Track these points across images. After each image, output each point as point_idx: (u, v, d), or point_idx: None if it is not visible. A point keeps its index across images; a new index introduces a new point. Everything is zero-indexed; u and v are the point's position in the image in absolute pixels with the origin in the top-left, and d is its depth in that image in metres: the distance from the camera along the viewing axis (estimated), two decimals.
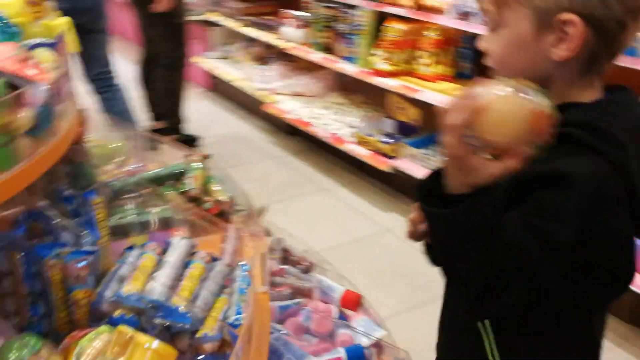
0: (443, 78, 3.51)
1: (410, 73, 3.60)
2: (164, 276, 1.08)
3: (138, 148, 1.70)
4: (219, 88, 5.39)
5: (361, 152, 3.66)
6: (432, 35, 3.48)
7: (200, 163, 1.54)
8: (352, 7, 3.73)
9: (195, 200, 1.44)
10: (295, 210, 3.55)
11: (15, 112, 0.89)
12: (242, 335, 1.05)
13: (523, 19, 0.92)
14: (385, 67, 3.53)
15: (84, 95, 3.55)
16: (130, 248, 1.22)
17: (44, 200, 1.13)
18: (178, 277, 1.11)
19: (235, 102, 5.18)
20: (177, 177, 1.54)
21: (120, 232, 1.37)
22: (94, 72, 3.54)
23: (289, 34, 4.25)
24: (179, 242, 1.19)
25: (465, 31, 3.17)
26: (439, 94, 3.29)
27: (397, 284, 2.91)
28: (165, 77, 4.04)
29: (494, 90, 0.85)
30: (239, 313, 1.10)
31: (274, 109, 4.33)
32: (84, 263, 1.02)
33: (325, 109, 4.18)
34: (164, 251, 1.18)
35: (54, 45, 1.09)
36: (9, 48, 0.92)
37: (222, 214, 1.45)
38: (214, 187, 1.52)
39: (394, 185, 3.79)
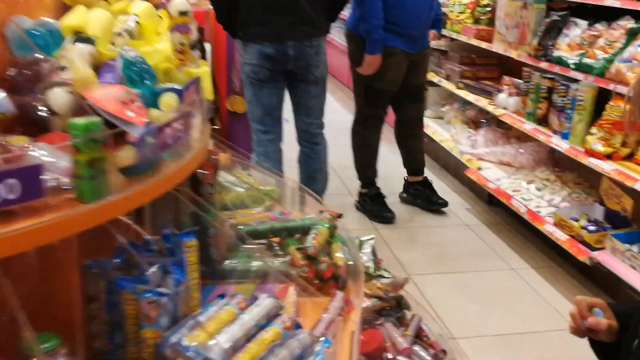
0: None
1: (630, 159, 3.21)
2: (230, 334, 1.05)
3: (287, 197, 1.72)
4: (427, 147, 5.33)
5: (559, 236, 3.31)
6: None
7: (328, 222, 1.49)
8: (573, 80, 3.45)
9: (312, 259, 1.40)
10: (472, 284, 3.33)
11: (108, 149, 0.94)
12: None
13: None
14: (601, 148, 3.18)
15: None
16: (222, 296, 1.21)
17: (150, 235, 1.18)
18: (247, 337, 1.08)
19: (440, 163, 5.08)
20: (305, 231, 1.52)
21: (231, 275, 1.38)
22: (302, 122, 3.59)
23: (504, 101, 4.07)
24: (263, 301, 1.16)
25: None
26: None
27: None
28: (356, 133, 4.12)
29: None
30: None
31: (476, 176, 4.15)
32: (154, 304, 1.03)
33: (530, 182, 3.89)
34: (247, 306, 1.15)
35: (181, 91, 1.15)
36: (117, 90, 0.98)
37: (335, 278, 1.39)
38: (336, 249, 1.47)
39: (594, 279, 3.36)
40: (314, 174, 3.61)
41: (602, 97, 3.30)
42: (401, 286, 1.77)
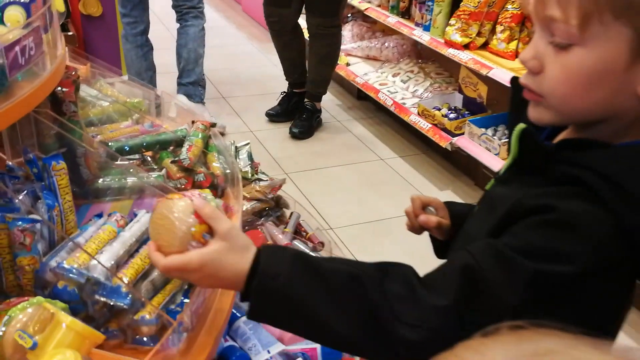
0: (518, 56, 3.29)
1: (485, 47, 3.40)
2: (111, 252, 1.05)
3: (155, 107, 1.68)
4: None
5: (423, 125, 3.51)
6: (512, 9, 3.24)
7: (202, 132, 1.49)
8: None
9: (188, 170, 1.40)
10: (345, 177, 3.49)
11: None
12: (190, 317, 1.01)
13: (617, 40, 0.72)
14: (459, 38, 3.34)
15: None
16: (99, 215, 1.20)
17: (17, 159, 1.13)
18: (130, 253, 1.09)
19: None
20: (178, 143, 1.51)
21: (106, 194, 1.36)
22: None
23: None
24: (142, 217, 1.16)
25: None
26: (512, 73, 3.08)
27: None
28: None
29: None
30: (184, 299, 1.07)
31: (345, 71, 4.22)
32: (27, 231, 1.01)
33: (396, 75, 4.03)
34: (127, 223, 1.15)
35: (28, 4, 1.06)
36: None
37: (214, 187, 1.40)
38: (213, 159, 1.47)
39: (455, 163, 3.63)
40: (179, 50, 3.64)
41: None
42: (279, 187, 1.83)
